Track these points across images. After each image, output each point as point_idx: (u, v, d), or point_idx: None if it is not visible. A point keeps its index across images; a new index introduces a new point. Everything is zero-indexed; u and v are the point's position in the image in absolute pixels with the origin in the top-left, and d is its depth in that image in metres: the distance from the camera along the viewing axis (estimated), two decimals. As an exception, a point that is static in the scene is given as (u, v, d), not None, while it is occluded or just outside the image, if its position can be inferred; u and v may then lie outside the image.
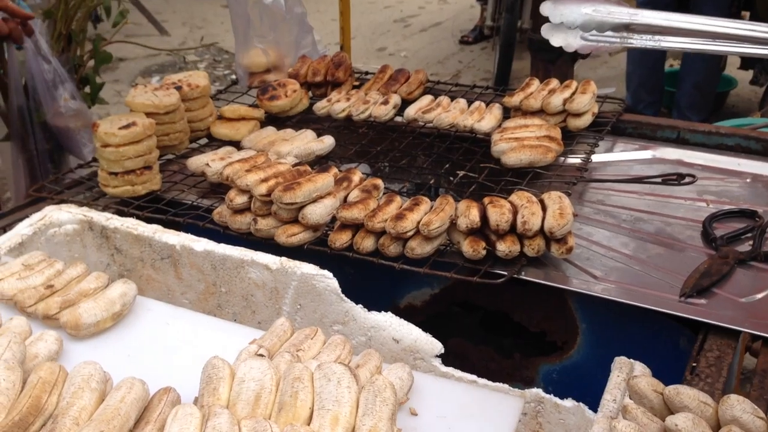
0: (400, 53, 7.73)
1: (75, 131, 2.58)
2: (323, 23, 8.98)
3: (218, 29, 8.56)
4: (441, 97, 2.39)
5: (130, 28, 8.96)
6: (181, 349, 1.38)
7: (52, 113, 2.53)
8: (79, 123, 2.60)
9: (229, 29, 7.23)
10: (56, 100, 2.53)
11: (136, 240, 1.69)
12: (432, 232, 1.60)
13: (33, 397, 1.09)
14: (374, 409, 1.10)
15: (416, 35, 8.50)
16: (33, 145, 2.48)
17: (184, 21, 8.82)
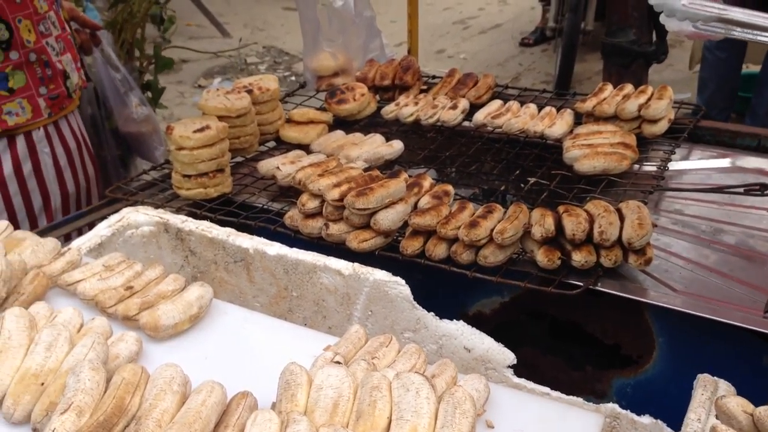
0: (459, 55, 7.69)
1: (146, 136, 2.64)
2: (382, 25, 9.00)
3: (279, 31, 8.66)
4: (510, 101, 2.36)
5: (193, 30, 9.16)
6: (256, 352, 1.39)
7: (123, 119, 2.59)
8: (149, 128, 2.66)
9: (289, 31, 7.31)
10: (127, 106, 2.59)
11: (210, 243, 1.71)
12: (506, 241, 1.58)
13: (117, 397, 1.11)
14: (453, 422, 1.08)
15: (475, 37, 8.45)
16: (106, 152, 2.53)
17: (245, 23, 8.94)
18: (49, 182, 2.16)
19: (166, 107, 4.76)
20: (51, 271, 1.47)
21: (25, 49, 2.04)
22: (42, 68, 2.10)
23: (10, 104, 2.03)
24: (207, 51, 7.37)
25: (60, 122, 2.19)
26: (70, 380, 1.14)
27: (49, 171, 2.15)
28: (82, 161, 2.27)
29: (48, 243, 1.55)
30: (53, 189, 2.18)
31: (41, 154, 2.12)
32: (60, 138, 2.19)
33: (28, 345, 1.24)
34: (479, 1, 9.70)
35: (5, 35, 2.00)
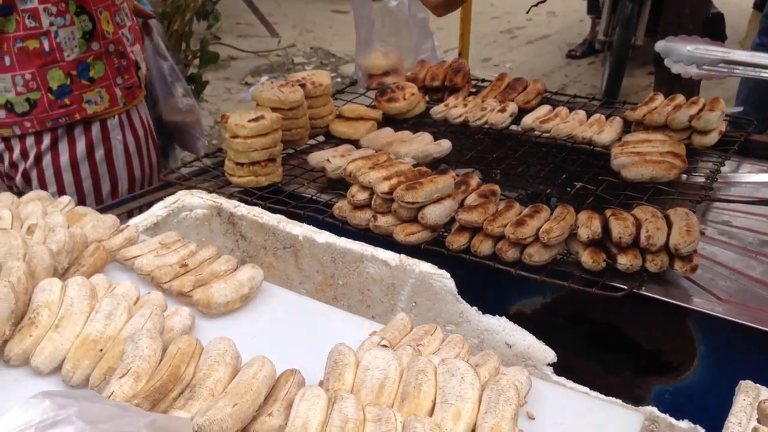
0: (505, 64, 7.70)
1: (189, 126, 2.71)
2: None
3: (326, 33, 8.76)
4: (559, 107, 2.38)
5: (242, 28, 9.30)
6: (303, 334, 1.42)
7: (168, 109, 2.65)
8: (193, 118, 2.72)
9: (337, 33, 7.38)
10: (173, 96, 2.65)
11: (261, 228, 1.75)
12: (552, 240, 1.60)
13: (172, 366, 1.16)
14: (497, 408, 1.11)
15: (522, 47, 8.45)
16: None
17: (294, 24, 9.06)
18: (119, 168, 2.24)
19: (206, 101, 4.87)
20: (110, 246, 1.53)
21: (105, 40, 2.12)
22: (118, 59, 2.18)
23: (90, 93, 2.12)
24: (254, 51, 7.50)
25: (131, 111, 2.27)
26: (129, 347, 1.19)
27: (119, 157, 2.23)
28: (148, 149, 2.35)
29: (108, 219, 1.61)
30: (122, 175, 2.26)
31: (113, 141, 2.20)
32: (131, 126, 2.27)
33: (89, 313, 1.29)
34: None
35: (89, 26, 2.07)
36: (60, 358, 1.23)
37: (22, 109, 2.05)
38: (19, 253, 1.36)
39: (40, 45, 2.01)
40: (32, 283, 1.32)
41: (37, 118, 2.06)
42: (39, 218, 1.48)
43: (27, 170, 2.13)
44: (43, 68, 2.03)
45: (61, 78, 2.05)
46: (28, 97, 2.04)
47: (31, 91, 2.03)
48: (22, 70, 2.00)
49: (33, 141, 2.10)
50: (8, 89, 2.01)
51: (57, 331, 1.25)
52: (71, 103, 2.09)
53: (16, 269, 1.29)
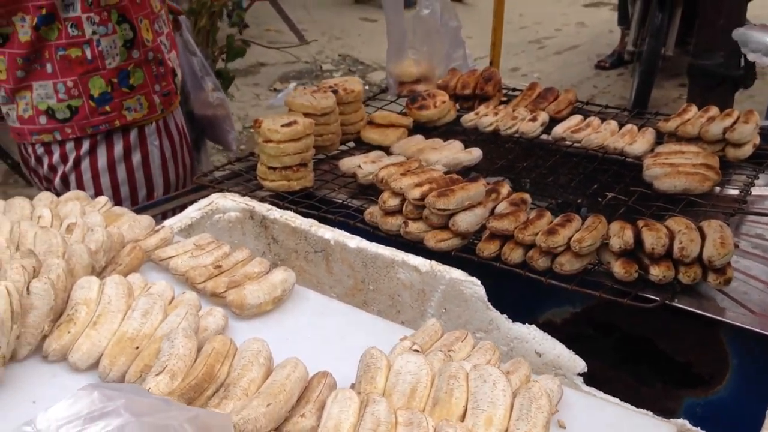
0: (533, 74, 7.68)
1: (220, 119, 2.74)
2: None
3: (355, 40, 8.80)
4: (591, 117, 2.37)
5: (272, 35, 9.37)
6: (334, 337, 1.43)
7: (199, 103, 2.69)
8: (223, 112, 2.75)
9: (365, 41, 7.40)
10: (203, 90, 2.68)
11: (293, 232, 1.77)
12: (583, 250, 1.59)
13: (207, 365, 1.17)
14: (529, 415, 1.11)
15: (551, 57, 8.42)
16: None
17: (323, 31, 9.11)
18: (155, 173, 2.27)
19: (233, 96, 4.89)
20: (146, 246, 1.55)
21: (145, 48, 2.17)
22: (157, 66, 2.22)
23: (130, 100, 2.16)
24: (287, 45, 7.54)
25: (168, 117, 2.31)
26: (165, 345, 1.21)
27: (156, 163, 2.27)
28: (182, 153, 2.39)
29: (143, 220, 1.63)
30: (157, 180, 2.29)
31: (150, 147, 2.24)
32: (167, 132, 2.31)
33: (126, 311, 1.31)
34: (557, 22, 9.67)
35: (129, 35, 2.11)
36: (97, 354, 1.25)
37: (63, 116, 2.09)
38: (58, 251, 1.38)
39: (83, 53, 2.04)
40: (71, 280, 1.35)
41: (78, 124, 2.10)
42: (78, 217, 1.51)
43: (66, 174, 2.17)
44: (84, 76, 2.07)
45: (103, 86, 2.09)
46: (69, 104, 2.07)
47: (72, 98, 2.07)
48: (64, 77, 2.04)
49: (72, 145, 2.14)
50: (50, 96, 2.05)
51: (95, 328, 1.28)
52: (111, 110, 2.13)
53: (56, 267, 1.32)
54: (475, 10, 10.59)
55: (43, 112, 2.08)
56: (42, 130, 2.10)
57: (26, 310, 1.25)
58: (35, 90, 2.04)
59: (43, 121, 2.09)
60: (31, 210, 1.55)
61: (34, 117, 2.08)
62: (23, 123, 2.10)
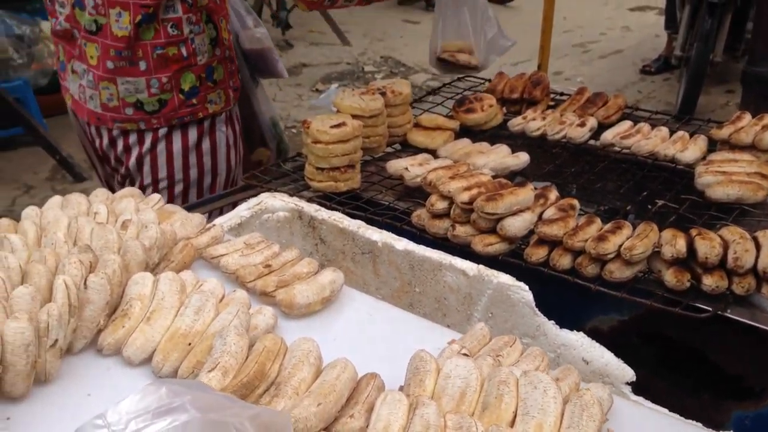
0: (576, 78, 7.61)
1: (267, 52, 2.80)
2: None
3: (397, 42, 8.82)
4: (641, 123, 2.34)
5: (315, 36, 9.44)
6: (382, 339, 1.44)
7: (248, 40, 2.75)
8: (268, 44, 2.81)
9: (408, 43, 7.40)
10: (249, 28, 2.76)
11: (340, 233, 1.78)
12: (634, 257, 1.58)
13: (259, 363, 1.19)
14: (580, 423, 1.10)
15: (595, 61, 8.34)
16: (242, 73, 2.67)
17: (365, 33, 9.15)
18: (220, 160, 2.36)
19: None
20: (197, 244, 1.57)
21: (224, 46, 2.30)
22: (231, 63, 2.37)
23: (213, 94, 2.28)
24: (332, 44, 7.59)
25: (233, 108, 2.42)
26: (217, 342, 1.22)
27: (222, 150, 2.36)
28: (241, 141, 2.49)
29: (195, 218, 1.66)
30: (222, 166, 2.38)
31: (218, 134, 2.33)
32: (231, 122, 2.41)
33: (178, 307, 1.34)
34: (601, 26, 9.57)
35: (213, 33, 2.24)
36: (150, 349, 1.28)
37: (152, 108, 2.18)
38: (114, 246, 1.41)
39: (179, 51, 2.15)
40: (126, 276, 1.38)
41: (165, 116, 2.20)
42: (133, 214, 1.54)
43: (141, 155, 2.24)
44: (178, 72, 2.17)
45: (193, 80, 2.20)
46: (160, 98, 2.17)
47: (164, 92, 2.17)
48: (159, 73, 2.14)
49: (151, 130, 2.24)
50: (140, 90, 2.14)
51: (148, 323, 1.30)
52: (197, 103, 2.24)
53: (112, 262, 1.35)
54: (518, 13, 10.53)
55: (131, 104, 2.16)
56: (127, 119, 2.19)
57: (83, 304, 1.27)
58: (121, 84, 2.13)
59: (129, 112, 2.18)
60: (88, 206, 1.59)
61: (119, 107, 2.16)
62: (106, 110, 2.17)
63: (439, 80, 7.35)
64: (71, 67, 2.23)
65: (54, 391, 1.22)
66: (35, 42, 6.02)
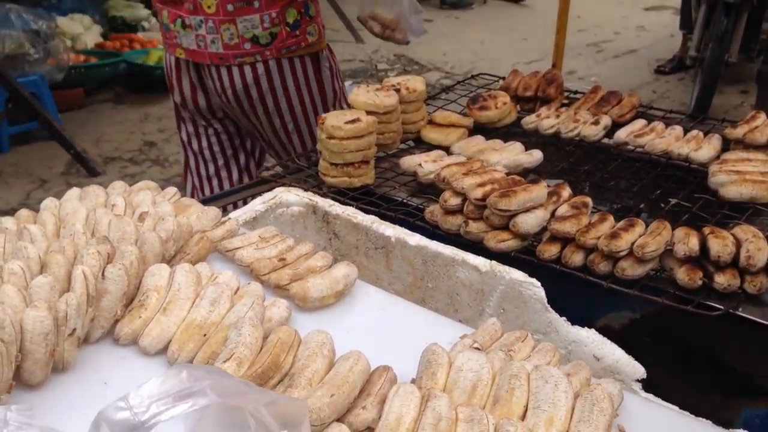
0: (590, 78, 7.60)
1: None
2: (513, 42, 9.02)
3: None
4: (655, 122, 2.35)
5: (328, 33, 9.46)
6: (394, 332, 1.45)
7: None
8: None
9: (421, 41, 7.44)
10: None
11: (354, 228, 1.80)
12: (647, 255, 1.58)
13: (273, 354, 1.20)
14: (591, 418, 1.11)
15: (609, 61, 8.32)
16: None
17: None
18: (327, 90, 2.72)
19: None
20: (213, 237, 1.59)
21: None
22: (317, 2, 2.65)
23: (310, 27, 2.60)
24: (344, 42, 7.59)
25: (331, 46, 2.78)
26: (232, 334, 1.24)
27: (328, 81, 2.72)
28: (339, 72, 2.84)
29: (211, 211, 1.68)
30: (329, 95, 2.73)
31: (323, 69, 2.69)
32: (331, 54, 2.76)
33: (194, 299, 1.36)
34: (616, 25, 9.54)
35: None
36: (166, 339, 1.29)
37: (266, 41, 2.51)
38: (131, 238, 1.43)
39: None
40: (143, 267, 1.40)
41: (276, 47, 2.53)
42: (150, 207, 1.56)
43: (259, 82, 2.57)
44: (284, 8, 2.50)
45: (295, 15, 2.53)
46: (271, 31, 2.50)
47: (274, 26, 2.50)
48: (269, 10, 2.48)
49: (263, 66, 2.55)
50: (255, 26, 2.48)
51: (164, 314, 1.32)
52: (300, 34, 2.55)
53: (129, 253, 1.37)
54: (531, 12, 10.52)
55: (248, 39, 2.49)
56: (246, 53, 2.52)
57: (101, 294, 1.29)
58: (240, 23, 2.47)
59: (247, 47, 2.51)
60: (106, 198, 1.61)
61: (239, 44, 2.50)
62: (228, 49, 2.51)
63: (452, 78, 7.36)
64: (181, 24, 2.53)
65: (71, 380, 1.24)
66: (51, 37, 6.08)
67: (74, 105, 6.57)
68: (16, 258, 1.31)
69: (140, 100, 6.91)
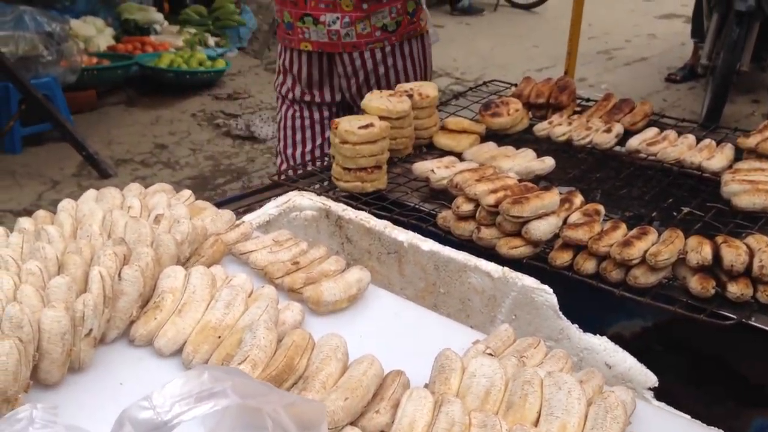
0: (600, 85, 7.59)
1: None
2: (523, 49, 9.02)
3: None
4: (667, 130, 2.35)
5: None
6: (406, 338, 1.46)
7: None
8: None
9: (443, 44, 7.40)
10: None
11: (367, 232, 1.80)
12: (659, 263, 1.58)
13: (287, 357, 1.21)
14: (604, 425, 1.11)
15: (620, 68, 8.31)
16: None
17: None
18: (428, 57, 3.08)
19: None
20: (227, 240, 1.60)
21: None
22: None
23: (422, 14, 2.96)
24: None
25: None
26: (247, 336, 1.25)
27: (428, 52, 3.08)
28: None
29: (225, 214, 1.69)
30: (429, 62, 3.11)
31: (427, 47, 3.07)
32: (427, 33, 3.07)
33: (209, 301, 1.37)
34: (627, 33, 9.54)
35: None
36: (181, 341, 1.30)
37: (392, 28, 2.84)
38: (147, 240, 1.45)
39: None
40: (158, 269, 1.41)
41: (399, 33, 2.87)
42: (165, 209, 1.57)
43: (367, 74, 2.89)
44: (405, 1, 2.84)
45: (413, 5, 2.88)
46: (397, 20, 2.84)
47: (399, 16, 2.84)
48: (395, 3, 2.81)
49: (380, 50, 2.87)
50: (385, 17, 2.81)
51: (180, 315, 1.33)
52: (416, 21, 2.92)
53: (145, 255, 1.38)
54: (542, 19, 10.53)
55: (379, 28, 2.82)
56: (376, 40, 2.85)
57: (117, 295, 1.31)
58: (372, 17, 2.80)
59: (378, 35, 2.84)
60: (122, 200, 1.62)
61: (371, 33, 2.82)
62: (360, 38, 2.83)
63: (463, 84, 7.36)
64: (312, 21, 2.80)
65: (87, 380, 1.25)
66: (64, 39, 6.11)
67: (86, 107, 6.60)
68: (34, 258, 1.32)
69: (152, 102, 6.94)
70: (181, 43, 7.75)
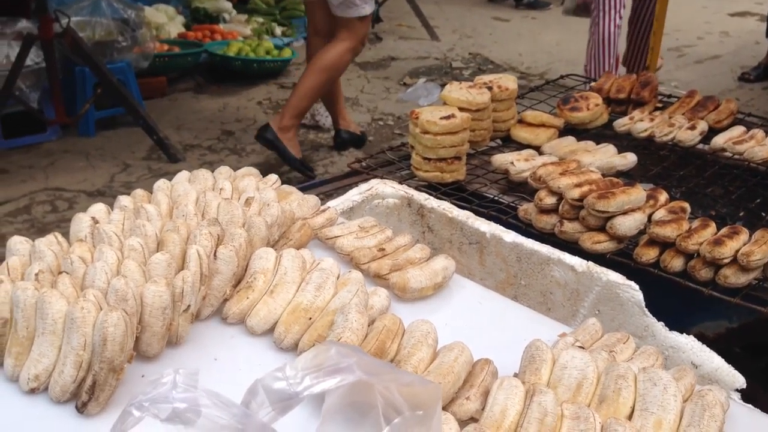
0: (670, 83, 7.41)
1: None
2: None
3: (486, 40, 8.75)
4: (755, 129, 2.29)
5: (404, 30, 9.47)
6: (490, 327, 1.46)
7: None
8: None
9: (497, 40, 7.37)
10: None
11: (449, 222, 1.81)
12: (751, 263, 1.55)
13: (379, 341, 1.22)
14: (701, 423, 1.10)
15: (690, 66, 8.09)
16: None
17: (454, 29, 9.12)
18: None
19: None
20: (313, 224, 1.63)
21: None
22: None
23: None
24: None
25: None
26: (339, 319, 1.27)
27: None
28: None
29: (311, 199, 1.71)
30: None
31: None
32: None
33: (299, 283, 1.39)
34: (699, 30, 9.28)
35: None
36: (272, 321, 1.33)
37: None
38: (239, 221, 1.48)
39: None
40: (250, 250, 1.44)
41: None
42: (255, 192, 1.60)
43: None
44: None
45: None
46: None
47: None
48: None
49: None
50: None
51: (271, 296, 1.36)
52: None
53: (239, 236, 1.41)
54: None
55: None
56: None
57: (212, 273, 1.34)
58: None
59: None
60: (213, 182, 1.66)
61: None
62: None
63: (528, 79, 7.28)
64: None
65: (184, 354, 1.29)
66: (139, 26, 6.25)
67: (157, 93, 6.74)
68: (135, 235, 1.36)
69: (219, 90, 7.05)
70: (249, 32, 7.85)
